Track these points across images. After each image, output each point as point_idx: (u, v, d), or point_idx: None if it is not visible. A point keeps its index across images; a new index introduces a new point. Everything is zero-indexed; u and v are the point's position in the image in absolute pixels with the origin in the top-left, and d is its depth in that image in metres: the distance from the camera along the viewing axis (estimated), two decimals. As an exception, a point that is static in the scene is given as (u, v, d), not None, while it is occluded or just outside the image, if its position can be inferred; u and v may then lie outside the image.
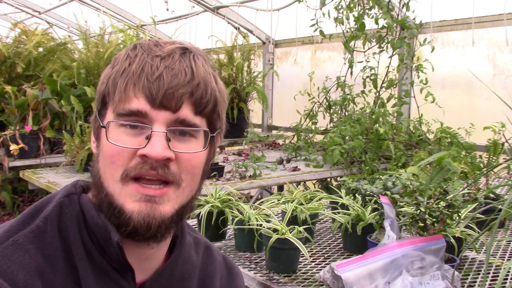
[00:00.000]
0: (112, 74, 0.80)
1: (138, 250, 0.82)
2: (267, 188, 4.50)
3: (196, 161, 0.80)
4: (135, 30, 4.82)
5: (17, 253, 0.72)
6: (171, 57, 0.78)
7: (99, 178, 0.79)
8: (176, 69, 0.77)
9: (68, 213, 0.79)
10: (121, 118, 0.77)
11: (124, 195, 0.76)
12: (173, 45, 0.80)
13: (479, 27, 3.82)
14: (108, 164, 0.77)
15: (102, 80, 0.82)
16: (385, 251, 1.33)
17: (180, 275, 0.88)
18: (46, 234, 0.76)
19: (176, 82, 0.76)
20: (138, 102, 0.76)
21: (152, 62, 0.77)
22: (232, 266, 1.03)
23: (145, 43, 0.81)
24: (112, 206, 0.77)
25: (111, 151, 0.77)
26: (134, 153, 0.76)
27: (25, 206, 4.92)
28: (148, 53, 0.78)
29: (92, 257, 0.77)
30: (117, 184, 0.76)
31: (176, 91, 0.76)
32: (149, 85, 0.75)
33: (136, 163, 0.76)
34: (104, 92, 0.80)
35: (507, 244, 1.82)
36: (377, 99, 4.12)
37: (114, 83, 0.78)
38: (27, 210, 0.80)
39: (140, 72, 0.76)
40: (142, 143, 0.76)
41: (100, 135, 0.81)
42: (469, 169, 2.85)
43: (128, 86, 0.77)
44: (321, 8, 4.07)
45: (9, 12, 7.01)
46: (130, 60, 0.78)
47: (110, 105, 0.79)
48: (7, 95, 3.92)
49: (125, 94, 0.76)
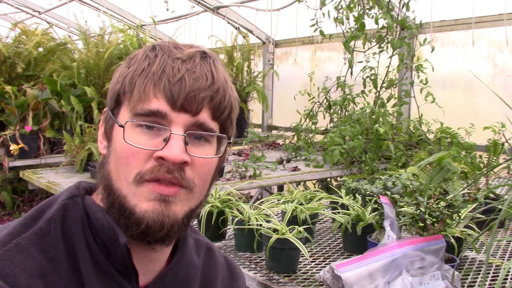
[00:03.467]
0: (129, 73, 0.78)
1: (143, 253, 0.81)
2: (267, 188, 4.50)
3: (209, 167, 0.80)
4: (135, 30, 4.82)
5: (19, 256, 0.71)
6: (192, 60, 0.77)
7: (110, 179, 0.77)
8: (198, 73, 0.76)
9: (72, 215, 0.78)
10: (139, 118, 0.75)
11: (138, 196, 0.75)
12: (192, 49, 0.79)
13: (479, 27, 3.82)
14: (122, 165, 0.76)
15: (116, 79, 0.80)
16: (385, 251, 1.33)
17: (183, 278, 0.88)
18: (49, 236, 0.75)
19: (198, 86, 0.75)
20: (158, 103, 0.74)
21: (174, 64, 0.76)
22: (234, 267, 1.02)
23: (165, 45, 0.80)
24: (123, 207, 0.75)
25: (126, 152, 0.75)
26: (150, 155, 0.75)
27: (25, 206, 4.92)
28: (169, 54, 0.77)
29: (97, 259, 0.76)
30: (130, 185, 0.75)
31: (197, 94, 0.75)
32: (170, 86, 0.74)
33: (152, 166, 0.74)
34: (120, 91, 0.79)
35: (507, 244, 1.82)
36: (377, 99, 4.12)
37: (132, 83, 0.77)
38: (30, 212, 0.79)
39: (161, 73, 0.75)
40: (159, 145, 0.75)
41: (112, 135, 0.79)
42: (469, 169, 2.85)
43: (148, 86, 0.75)
44: (321, 8, 4.07)
45: (9, 12, 7.01)
46: (150, 60, 0.77)
47: (125, 104, 0.78)
48: (7, 95, 3.92)
49: (144, 94, 0.75)
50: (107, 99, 0.83)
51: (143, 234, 0.75)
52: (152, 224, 0.74)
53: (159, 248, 0.82)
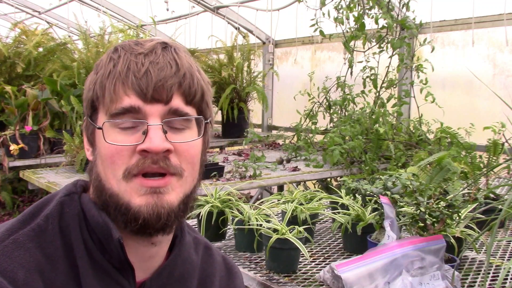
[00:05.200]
0: (98, 78, 0.80)
1: (142, 249, 0.83)
2: (267, 188, 4.50)
3: (194, 150, 0.82)
4: (135, 30, 4.82)
5: (17, 252, 0.72)
6: (153, 53, 0.79)
7: (100, 181, 0.79)
8: (161, 63, 0.79)
9: (69, 212, 0.80)
10: (115, 118, 0.78)
11: (129, 192, 0.77)
12: (153, 42, 0.82)
13: (479, 27, 3.82)
14: (108, 165, 0.78)
15: (88, 86, 0.83)
16: (385, 251, 1.33)
17: (180, 275, 0.89)
18: (47, 232, 0.76)
19: (164, 75, 0.78)
20: (130, 99, 0.77)
21: (137, 60, 0.78)
22: (232, 266, 1.03)
23: (126, 44, 0.82)
24: (118, 204, 0.77)
25: (109, 152, 0.77)
26: (133, 150, 0.77)
27: (25, 206, 4.92)
28: (131, 52, 0.80)
29: (93, 256, 0.78)
30: (120, 182, 0.77)
31: (165, 83, 0.77)
32: (138, 81, 0.77)
33: (137, 160, 0.76)
34: (93, 97, 0.81)
35: (507, 244, 1.82)
36: (377, 99, 4.12)
37: (102, 86, 0.79)
38: (28, 209, 0.80)
39: (126, 71, 0.78)
40: (139, 139, 0.77)
41: (95, 140, 0.82)
42: (469, 169, 2.85)
43: (117, 86, 0.78)
44: (321, 8, 4.07)
45: (9, 12, 7.02)
46: (114, 61, 0.80)
47: (101, 109, 0.80)
48: (7, 95, 3.92)
49: (115, 94, 0.77)
50: (83, 108, 0.86)
51: (142, 227, 0.77)
52: (149, 217, 0.76)
53: (160, 240, 0.83)
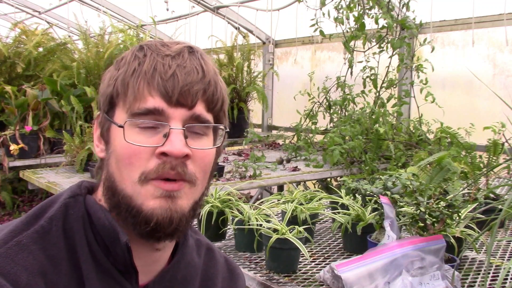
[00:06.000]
0: (120, 75, 0.79)
1: (146, 253, 0.82)
2: (267, 188, 4.50)
3: (209, 158, 0.81)
4: (135, 30, 4.82)
5: (20, 254, 0.72)
6: (181, 56, 0.79)
7: (113, 181, 0.78)
8: (188, 67, 0.78)
9: (74, 214, 0.79)
10: (136, 118, 0.76)
11: (143, 194, 0.76)
12: (179, 45, 0.81)
13: (479, 27, 3.82)
14: (125, 166, 0.76)
15: (107, 82, 0.81)
16: (385, 251, 1.33)
17: (182, 277, 0.88)
18: (51, 234, 0.75)
19: (190, 80, 0.77)
20: (154, 101, 0.76)
21: (164, 61, 0.77)
22: (234, 267, 1.03)
23: (152, 44, 0.81)
24: (129, 206, 0.76)
25: (127, 152, 0.76)
26: (151, 153, 0.76)
27: (25, 206, 4.92)
28: (157, 53, 0.78)
29: (97, 258, 0.77)
30: (135, 185, 0.76)
31: (191, 88, 0.77)
32: (164, 83, 0.76)
33: (155, 165, 0.75)
34: (112, 93, 0.79)
35: (507, 244, 1.82)
36: (377, 99, 4.12)
37: (124, 84, 0.78)
38: (32, 210, 0.79)
39: (153, 71, 0.76)
40: (159, 141, 0.75)
41: (110, 137, 0.80)
42: (469, 169, 2.85)
43: (142, 85, 0.76)
44: (321, 8, 4.07)
45: (9, 12, 7.01)
46: (139, 60, 0.78)
47: (120, 106, 0.79)
48: (7, 95, 3.92)
49: (139, 93, 0.76)
50: (99, 103, 0.84)
51: (153, 231, 0.76)
52: (162, 221, 0.75)
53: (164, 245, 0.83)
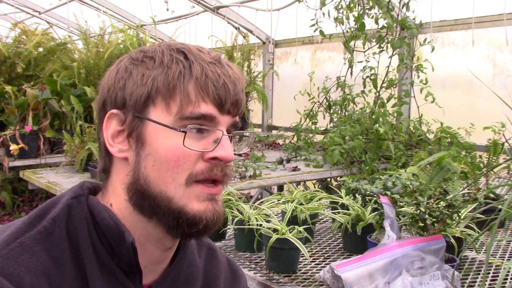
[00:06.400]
0: (158, 75, 0.77)
1: (155, 253, 0.83)
2: (267, 188, 4.50)
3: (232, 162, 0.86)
4: (135, 30, 4.83)
5: (23, 255, 0.71)
6: (221, 64, 0.81)
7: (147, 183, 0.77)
8: (232, 77, 0.81)
9: (77, 215, 0.78)
10: (186, 122, 0.77)
11: (187, 197, 0.77)
12: (212, 52, 0.83)
13: (479, 27, 3.82)
14: (170, 168, 0.76)
15: (139, 81, 0.78)
16: (385, 251, 1.33)
17: (185, 277, 0.89)
18: (54, 235, 0.75)
19: (238, 90, 0.81)
20: (207, 107, 0.77)
21: (211, 69, 0.79)
22: (236, 268, 1.03)
23: (188, 47, 0.81)
24: (169, 208, 0.77)
25: (175, 154, 0.76)
26: (200, 157, 0.78)
27: (25, 206, 4.92)
28: (201, 59, 0.79)
29: (101, 259, 0.77)
30: (180, 187, 0.77)
31: (239, 97, 0.81)
32: (217, 91, 0.78)
33: (204, 168, 0.78)
34: (149, 93, 0.77)
35: (507, 244, 1.82)
36: (377, 99, 4.12)
37: (169, 86, 0.77)
38: (34, 211, 0.79)
39: (205, 78, 0.78)
40: (208, 146, 0.78)
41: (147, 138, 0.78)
42: (469, 169, 2.85)
43: (194, 90, 0.77)
44: (321, 8, 4.07)
45: (9, 12, 7.01)
46: (183, 64, 0.78)
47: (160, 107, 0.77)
48: (7, 95, 3.92)
49: (189, 97, 0.77)
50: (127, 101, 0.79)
51: (200, 232, 0.79)
52: (211, 223, 0.79)
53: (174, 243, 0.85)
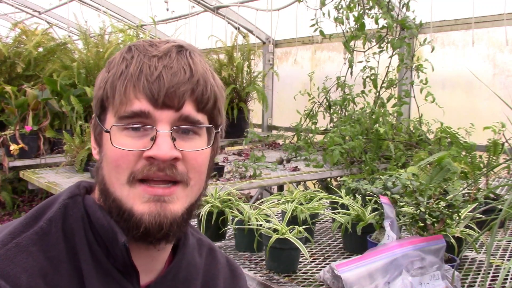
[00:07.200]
0: (109, 77, 0.79)
1: (144, 252, 0.82)
2: (267, 188, 4.50)
3: (202, 158, 0.80)
4: (135, 30, 4.82)
5: (20, 256, 0.71)
6: (168, 56, 0.77)
7: (105, 184, 0.78)
8: (175, 68, 0.76)
9: (73, 214, 0.78)
10: (123, 121, 0.76)
11: (132, 197, 0.75)
12: (168, 44, 0.80)
13: (479, 27, 3.82)
14: (113, 168, 0.76)
15: (98, 84, 0.81)
16: (385, 251, 1.33)
17: (184, 277, 0.88)
18: (50, 235, 0.75)
19: (177, 81, 0.76)
20: (140, 103, 0.75)
21: (150, 63, 0.76)
22: (236, 268, 1.02)
23: (140, 44, 0.80)
24: (121, 210, 0.76)
25: (115, 155, 0.76)
26: (139, 156, 0.75)
27: (25, 206, 4.92)
28: (145, 53, 0.78)
29: (97, 259, 0.77)
30: (124, 187, 0.76)
31: (177, 89, 0.75)
32: (149, 85, 0.75)
33: (142, 166, 0.75)
34: (103, 96, 0.79)
35: (507, 244, 1.82)
36: (377, 99, 4.12)
37: (113, 87, 0.77)
38: (31, 212, 0.79)
39: (138, 74, 0.76)
40: (147, 144, 0.75)
41: (102, 141, 0.80)
42: (469, 169, 2.85)
43: (128, 88, 0.76)
44: (321, 8, 4.07)
45: (9, 12, 7.01)
46: (127, 62, 0.78)
47: (110, 109, 0.78)
48: (7, 95, 3.92)
49: (125, 96, 0.76)
50: (93, 106, 0.84)
51: (144, 235, 0.76)
52: (150, 226, 0.75)
53: (162, 247, 0.82)
